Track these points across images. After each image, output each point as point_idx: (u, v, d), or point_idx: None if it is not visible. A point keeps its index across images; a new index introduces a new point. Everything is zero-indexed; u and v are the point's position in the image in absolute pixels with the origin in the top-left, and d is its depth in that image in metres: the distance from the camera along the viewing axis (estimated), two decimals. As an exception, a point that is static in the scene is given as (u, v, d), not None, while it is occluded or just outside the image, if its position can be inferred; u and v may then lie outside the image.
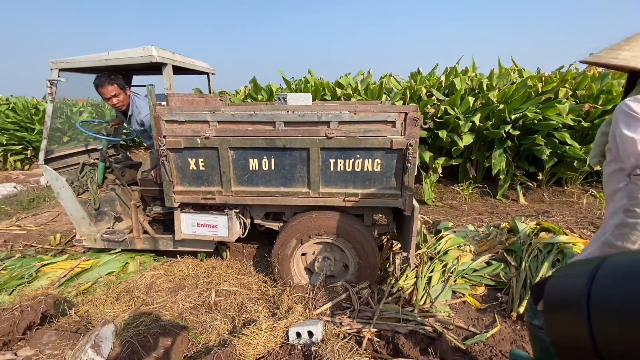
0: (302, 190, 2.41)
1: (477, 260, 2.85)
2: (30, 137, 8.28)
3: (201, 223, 2.70)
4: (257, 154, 2.39)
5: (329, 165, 2.33)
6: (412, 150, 2.18)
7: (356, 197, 2.37)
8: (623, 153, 1.09)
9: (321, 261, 2.59)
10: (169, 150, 2.45)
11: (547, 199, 4.93)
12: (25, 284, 2.63)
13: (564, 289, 0.42)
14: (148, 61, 2.58)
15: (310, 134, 2.26)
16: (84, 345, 1.64)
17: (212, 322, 2.15)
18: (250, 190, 2.47)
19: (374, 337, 2.07)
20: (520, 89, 4.51)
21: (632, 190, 1.05)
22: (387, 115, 2.18)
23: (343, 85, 5.53)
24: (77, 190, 3.08)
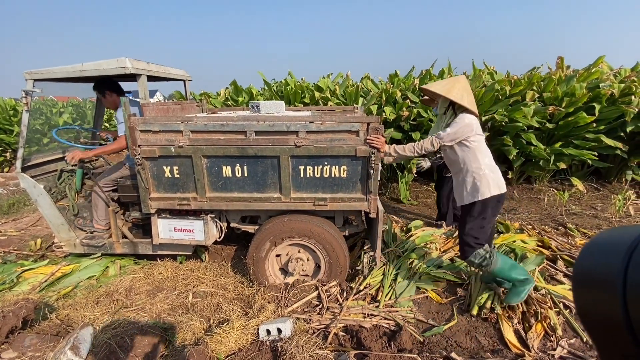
0: (275, 195, 2.55)
1: (444, 256, 3.05)
2: (9, 139, 8.15)
3: (178, 228, 2.80)
4: (230, 161, 2.50)
5: (299, 172, 2.48)
6: (375, 158, 2.34)
7: (325, 202, 2.52)
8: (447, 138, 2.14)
9: (294, 262, 2.74)
10: (144, 158, 2.54)
11: (516, 196, 5.19)
12: (6, 289, 2.70)
13: (596, 261, 0.37)
14: (122, 72, 2.65)
15: (280, 143, 2.40)
16: (63, 347, 1.75)
17: (189, 322, 2.28)
18: (224, 196, 2.59)
19: (340, 331, 2.24)
20: (489, 92, 4.72)
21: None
22: (351, 125, 2.35)
23: (322, 88, 5.66)
24: (56, 197, 3.12)
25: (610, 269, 0.34)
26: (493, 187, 2.12)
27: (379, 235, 2.56)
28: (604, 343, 0.36)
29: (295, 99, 5.45)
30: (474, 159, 2.13)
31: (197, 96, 6.37)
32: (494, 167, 2.21)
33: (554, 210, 4.49)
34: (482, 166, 2.13)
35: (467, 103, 2.09)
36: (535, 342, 2.10)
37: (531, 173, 5.20)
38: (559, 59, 5.80)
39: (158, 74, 3.10)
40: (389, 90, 5.15)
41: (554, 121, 4.84)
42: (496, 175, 2.18)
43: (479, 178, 2.12)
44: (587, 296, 0.37)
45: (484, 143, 2.22)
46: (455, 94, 2.08)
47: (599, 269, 0.36)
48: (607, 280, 0.34)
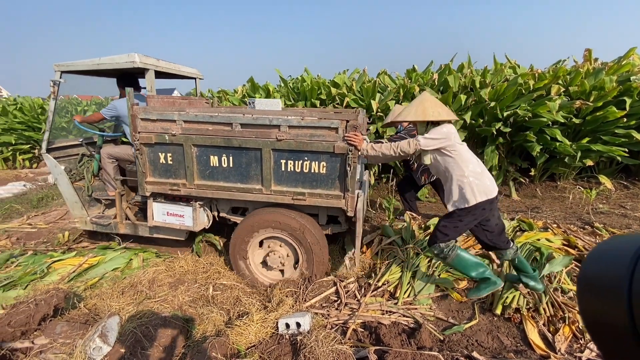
0: (257, 187, 2.61)
1: (462, 255, 2.99)
2: (37, 137, 8.51)
3: (170, 212, 2.94)
4: (217, 151, 2.60)
5: (281, 166, 2.51)
6: (352, 155, 2.32)
7: (304, 196, 2.54)
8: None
9: (273, 255, 2.77)
10: (143, 144, 2.71)
11: (539, 194, 5.02)
12: (37, 279, 2.83)
13: (601, 267, 0.37)
14: (131, 66, 2.88)
15: (263, 136, 2.46)
16: (92, 335, 1.82)
17: (209, 314, 2.33)
18: (210, 185, 2.69)
19: (358, 327, 2.24)
20: (512, 86, 4.57)
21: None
22: (330, 122, 2.34)
23: (338, 84, 5.62)
24: (75, 178, 3.43)
25: (616, 276, 0.34)
26: (478, 193, 2.10)
27: (358, 235, 2.52)
28: (610, 350, 0.36)
29: (312, 96, 5.44)
30: (457, 168, 2.13)
31: (214, 93, 6.48)
32: (480, 173, 2.17)
33: (580, 209, 4.32)
34: (465, 173, 2.12)
35: (446, 115, 2.13)
36: (562, 345, 2.03)
37: (555, 170, 5.02)
38: (587, 51, 5.55)
39: (168, 70, 3.28)
40: (406, 85, 5.07)
41: (581, 116, 4.64)
42: (481, 182, 2.13)
43: (463, 186, 2.11)
44: (593, 303, 0.37)
45: (466, 150, 2.22)
46: (432, 113, 2.11)
47: (604, 276, 0.36)
48: (612, 287, 0.34)
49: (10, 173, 7.97)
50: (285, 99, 5.66)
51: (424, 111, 2.12)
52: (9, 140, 8.28)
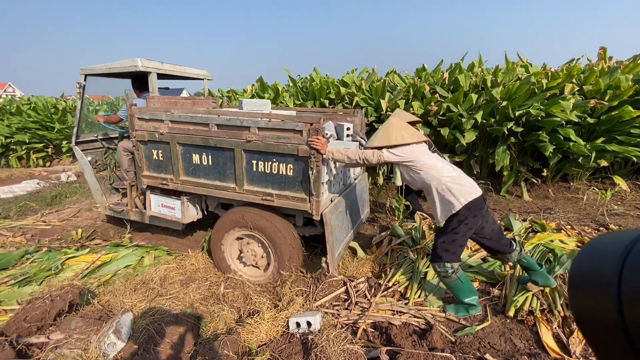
0: (231, 185, 2.70)
1: (474, 257, 2.96)
2: (50, 136, 8.68)
3: (164, 204, 3.18)
4: (198, 150, 2.76)
5: (252, 166, 2.58)
6: (315, 159, 2.30)
7: (272, 197, 2.56)
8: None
9: (247, 253, 2.83)
10: (139, 141, 2.97)
11: (552, 195, 4.94)
12: (52, 275, 2.89)
13: (591, 264, 0.37)
14: (134, 70, 3.18)
15: (235, 137, 2.54)
16: (107, 331, 1.85)
17: (220, 312, 2.34)
18: (193, 181, 2.85)
19: (368, 327, 2.23)
20: (524, 86, 4.50)
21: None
22: (295, 124, 2.35)
23: (347, 83, 5.61)
24: (99, 168, 3.85)
25: (606, 272, 0.34)
26: (461, 196, 2.09)
27: (328, 240, 2.49)
28: (600, 345, 0.36)
29: (321, 95, 5.43)
30: (432, 178, 2.16)
31: (224, 93, 6.52)
32: (457, 177, 2.18)
33: (594, 211, 4.23)
34: (442, 180, 2.14)
35: (409, 139, 2.20)
36: (577, 348, 2.00)
37: (568, 171, 4.93)
38: (601, 50, 5.44)
39: (172, 72, 3.57)
40: (416, 84, 5.03)
41: (596, 115, 4.55)
42: (459, 184, 2.14)
43: (444, 193, 2.13)
44: (583, 299, 0.37)
45: (436, 159, 2.25)
46: (395, 138, 2.19)
47: (594, 272, 0.36)
48: (602, 283, 0.34)
49: (25, 171, 8.15)
50: (294, 99, 5.67)
51: (388, 137, 2.21)
52: (23, 139, 8.46)
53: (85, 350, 1.81)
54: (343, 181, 3.06)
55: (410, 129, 2.27)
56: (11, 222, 4.22)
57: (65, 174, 7.48)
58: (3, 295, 2.63)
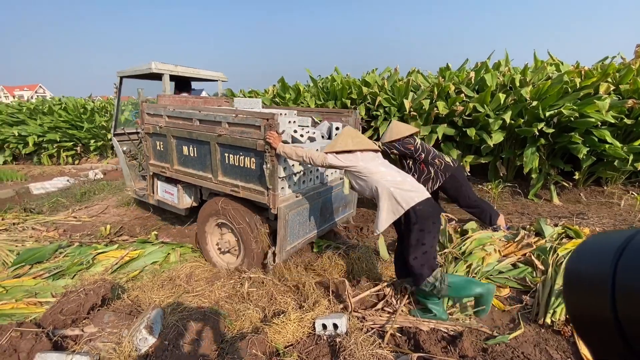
0: (209, 175, 2.92)
1: (503, 262, 2.85)
2: (79, 135, 9.03)
3: (166, 190, 3.52)
4: (186, 142, 3.02)
5: (225, 158, 2.75)
6: (269, 153, 2.40)
7: (238, 189, 2.72)
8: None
9: (222, 240, 3.02)
10: (146, 134, 3.34)
11: (584, 199, 4.71)
12: (84, 269, 2.98)
13: (586, 263, 0.38)
14: (149, 72, 3.66)
15: (210, 131, 2.73)
16: (139, 326, 1.88)
17: (246, 311, 2.34)
18: (183, 170, 3.13)
19: (395, 332, 2.18)
20: (556, 85, 4.32)
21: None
22: (255, 120, 2.46)
23: (369, 83, 5.54)
24: (132, 157, 4.31)
25: (600, 270, 0.34)
26: (403, 200, 2.09)
27: (279, 233, 2.58)
28: (595, 344, 0.36)
29: (342, 95, 5.39)
30: (376, 183, 2.18)
31: (246, 93, 6.59)
32: (401, 181, 2.18)
33: (631, 216, 4.01)
34: (385, 185, 2.14)
35: (352, 146, 2.27)
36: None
37: (602, 174, 4.69)
38: (638, 47, 5.16)
39: (185, 74, 3.96)
40: (441, 84, 4.91)
41: (633, 116, 4.30)
42: (404, 190, 2.12)
43: (388, 197, 2.13)
44: (578, 298, 0.38)
45: (380, 164, 2.27)
46: (339, 145, 2.28)
47: (589, 271, 0.37)
48: (596, 281, 0.35)
49: (55, 169, 8.51)
50: (315, 99, 5.66)
51: (333, 144, 2.32)
52: (55, 138, 8.84)
53: (118, 344, 1.85)
54: (320, 180, 3.09)
55: (359, 138, 2.33)
56: (44, 218, 4.40)
57: (93, 172, 7.76)
58: (38, 287, 2.74)
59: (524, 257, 2.93)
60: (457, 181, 3.52)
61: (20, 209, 4.76)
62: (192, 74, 4.07)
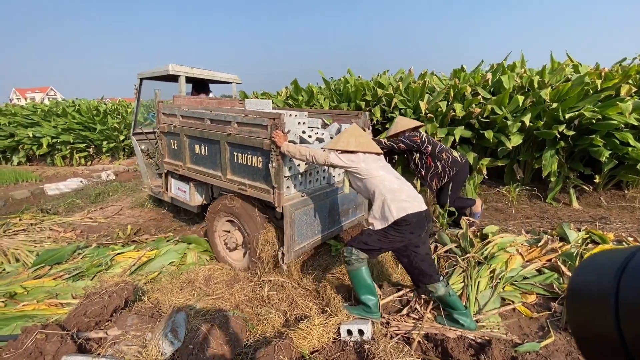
0: (218, 174, 2.96)
1: (528, 268, 2.78)
2: (92, 136, 9.13)
3: (179, 188, 3.58)
4: (198, 141, 3.08)
5: (234, 157, 2.80)
6: (275, 152, 2.43)
7: (245, 187, 2.75)
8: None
9: (230, 237, 3.05)
10: (162, 133, 3.43)
11: (604, 203, 4.61)
12: (103, 270, 2.98)
13: (589, 278, 0.38)
14: (166, 73, 3.76)
15: (221, 130, 2.79)
16: (164, 330, 1.86)
17: (267, 315, 2.31)
18: (195, 168, 3.19)
19: (421, 339, 2.12)
20: (577, 86, 4.23)
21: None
22: (262, 119, 2.50)
23: (383, 84, 5.50)
24: (150, 155, 4.43)
25: (603, 287, 0.34)
26: (395, 210, 2.07)
27: (286, 232, 2.56)
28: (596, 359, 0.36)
29: (357, 97, 5.36)
30: (374, 187, 2.18)
31: (259, 95, 6.60)
32: (398, 189, 2.16)
33: (656, 221, 3.90)
34: (382, 191, 2.14)
35: (354, 147, 2.24)
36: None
37: (624, 177, 4.58)
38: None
39: (200, 76, 4.03)
40: (457, 85, 4.85)
41: (657, 119, 4.20)
42: (399, 199, 2.10)
43: (382, 204, 2.13)
44: (582, 313, 0.38)
45: (381, 168, 2.25)
46: (342, 143, 2.26)
47: (592, 287, 0.37)
48: (600, 297, 0.34)
49: (69, 170, 8.61)
50: (329, 101, 5.63)
51: (336, 141, 2.30)
52: (68, 139, 8.95)
53: (144, 347, 1.83)
54: (327, 180, 3.10)
55: (363, 138, 2.29)
56: (61, 218, 4.43)
57: (105, 173, 7.83)
58: (59, 288, 2.74)
59: (550, 262, 2.86)
60: (460, 178, 3.45)
61: (37, 210, 4.80)
62: (207, 76, 4.15)
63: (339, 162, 2.24)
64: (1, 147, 9.61)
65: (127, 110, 10.23)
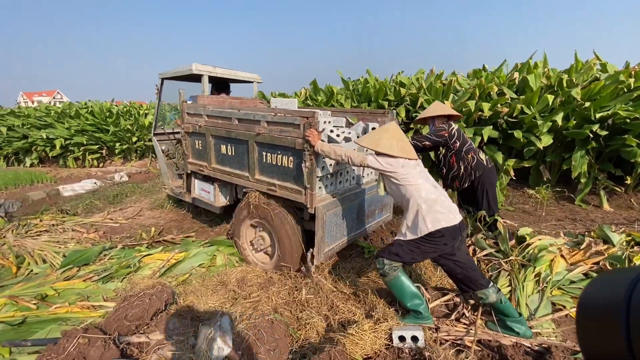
0: (245, 174, 2.92)
1: (574, 271, 2.67)
2: (105, 138, 9.11)
3: (203, 188, 3.55)
4: (224, 141, 3.04)
5: (263, 157, 2.75)
6: (308, 152, 2.35)
7: (275, 188, 2.69)
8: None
9: (257, 239, 2.98)
10: (186, 133, 3.41)
11: (635, 205, 4.48)
12: (132, 272, 2.91)
13: (599, 297, 0.38)
14: (190, 73, 3.69)
15: (249, 130, 2.73)
16: (212, 335, 1.77)
17: (310, 319, 2.22)
18: (220, 169, 3.15)
19: (477, 346, 2.02)
20: (610, 85, 4.13)
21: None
22: (294, 118, 2.43)
23: (405, 84, 5.42)
24: (170, 156, 4.38)
25: (614, 305, 0.34)
26: (430, 222, 1.98)
27: (317, 234, 2.50)
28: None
29: (378, 97, 5.28)
30: (410, 194, 2.08)
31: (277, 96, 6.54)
32: (435, 199, 2.04)
33: (694, 223, 3.77)
34: (418, 200, 2.04)
35: (397, 152, 2.11)
36: None
37: (656, 179, 4.46)
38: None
39: (223, 75, 3.98)
40: (483, 85, 4.76)
41: (693, 118, 4.08)
42: (434, 210, 2.00)
43: (416, 214, 2.03)
44: (592, 330, 0.38)
45: (419, 175, 2.12)
46: (383, 145, 2.12)
47: (603, 305, 0.37)
48: (611, 315, 0.35)
49: (82, 171, 8.59)
50: (350, 101, 5.55)
51: (377, 141, 2.16)
52: (81, 140, 8.94)
53: (193, 353, 1.74)
54: (356, 181, 3.01)
55: (404, 142, 2.17)
56: (81, 219, 4.37)
57: (119, 174, 7.80)
58: (89, 290, 2.67)
59: (596, 266, 2.74)
60: (487, 182, 3.18)
61: (56, 211, 4.76)
62: (229, 76, 4.10)
63: (377, 165, 2.14)
64: (14, 148, 9.63)
65: (139, 112, 10.22)
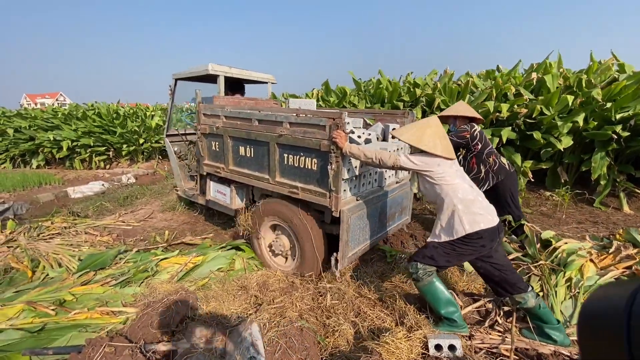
0: (266, 176, 2.86)
1: (606, 276, 2.59)
2: (112, 139, 9.08)
3: (219, 190, 3.52)
4: (243, 143, 2.98)
5: (284, 159, 2.67)
6: (335, 154, 2.27)
7: (297, 190, 2.61)
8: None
9: (277, 242, 2.93)
10: (202, 134, 3.35)
11: (656, 208, 4.40)
12: (150, 276, 2.84)
13: (600, 308, 0.38)
14: (206, 73, 3.63)
15: (270, 131, 2.68)
16: (243, 344, 1.71)
17: (338, 326, 2.15)
18: (238, 171, 3.09)
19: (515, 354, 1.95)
20: (631, 86, 4.05)
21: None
22: (319, 119, 2.36)
23: (419, 84, 5.36)
24: (183, 157, 4.34)
25: (615, 316, 0.35)
26: (467, 223, 1.90)
27: (342, 237, 2.45)
28: None
29: (392, 98, 5.22)
30: (445, 195, 1.98)
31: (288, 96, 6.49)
32: (472, 200, 1.95)
33: None
34: (454, 201, 1.95)
35: (441, 151, 1.99)
36: None
37: (677, 181, 4.37)
38: None
39: (239, 76, 3.93)
40: (500, 85, 4.69)
41: None
42: (471, 212, 1.92)
43: (452, 215, 1.95)
44: (594, 342, 0.38)
45: (455, 175, 2.02)
46: (427, 144, 2.00)
47: (604, 317, 0.37)
48: (612, 327, 0.35)
49: (89, 173, 8.55)
50: (364, 102, 5.49)
51: (420, 137, 2.02)
52: (88, 142, 8.91)
53: (225, 363, 1.67)
54: (378, 183, 2.95)
55: (446, 140, 2.06)
56: (93, 222, 4.32)
57: (126, 176, 7.76)
58: (107, 295, 2.60)
59: (628, 270, 2.66)
60: (508, 186, 3.11)
61: (67, 213, 4.70)
62: (245, 76, 4.05)
63: (411, 165, 2.05)
64: (21, 150, 9.61)
65: (146, 114, 10.20)
